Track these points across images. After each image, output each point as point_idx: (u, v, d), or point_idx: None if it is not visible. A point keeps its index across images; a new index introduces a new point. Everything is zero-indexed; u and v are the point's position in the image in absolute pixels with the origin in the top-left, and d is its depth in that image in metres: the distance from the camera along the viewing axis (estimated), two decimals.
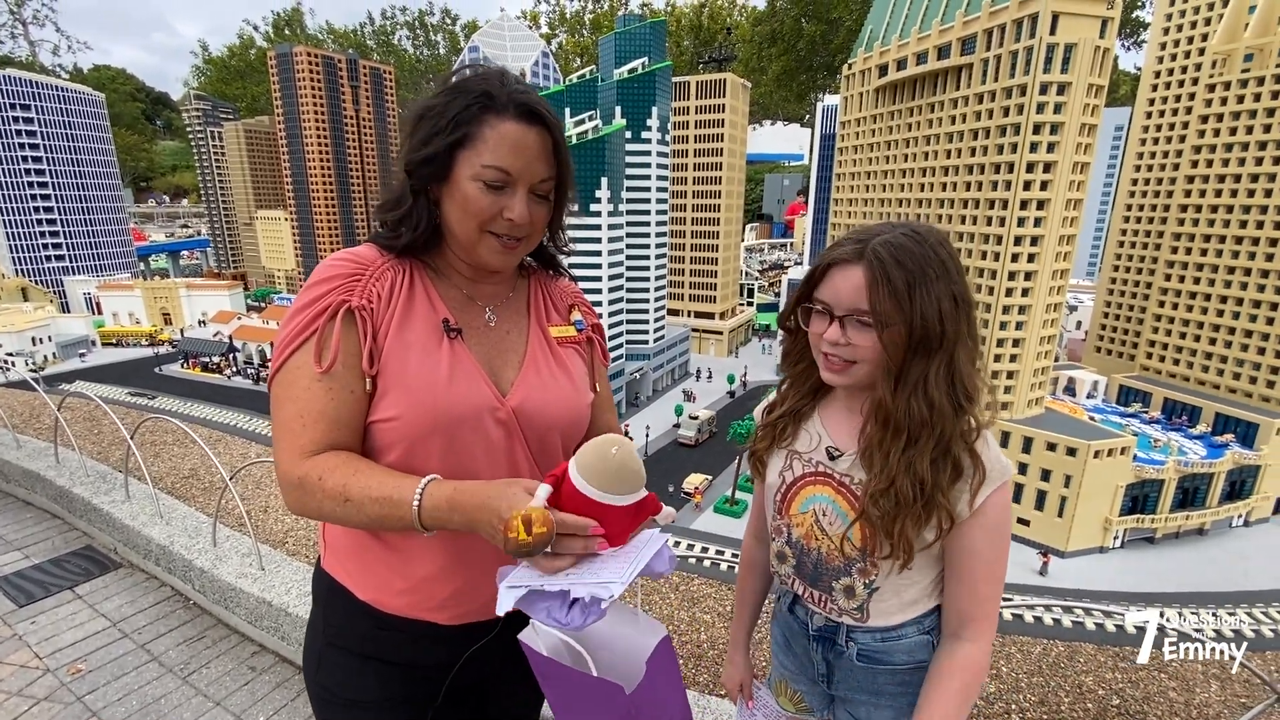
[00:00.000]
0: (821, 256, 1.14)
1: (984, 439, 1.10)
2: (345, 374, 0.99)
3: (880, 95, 51.60)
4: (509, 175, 1.00)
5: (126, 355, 69.63)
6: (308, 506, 0.97)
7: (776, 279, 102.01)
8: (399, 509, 0.91)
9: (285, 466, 0.98)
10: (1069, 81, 36.60)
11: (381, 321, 1.03)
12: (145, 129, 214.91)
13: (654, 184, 63.67)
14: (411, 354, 1.03)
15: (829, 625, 1.26)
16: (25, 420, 5.21)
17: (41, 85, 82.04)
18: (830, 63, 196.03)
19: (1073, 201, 38.74)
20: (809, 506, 1.22)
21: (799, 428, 1.26)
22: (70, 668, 2.73)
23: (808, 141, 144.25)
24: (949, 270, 1.05)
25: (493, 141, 0.99)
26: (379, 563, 1.09)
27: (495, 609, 1.01)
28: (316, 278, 1.03)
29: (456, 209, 1.03)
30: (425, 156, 1.01)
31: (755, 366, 71.51)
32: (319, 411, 0.97)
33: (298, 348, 0.98)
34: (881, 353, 1.06)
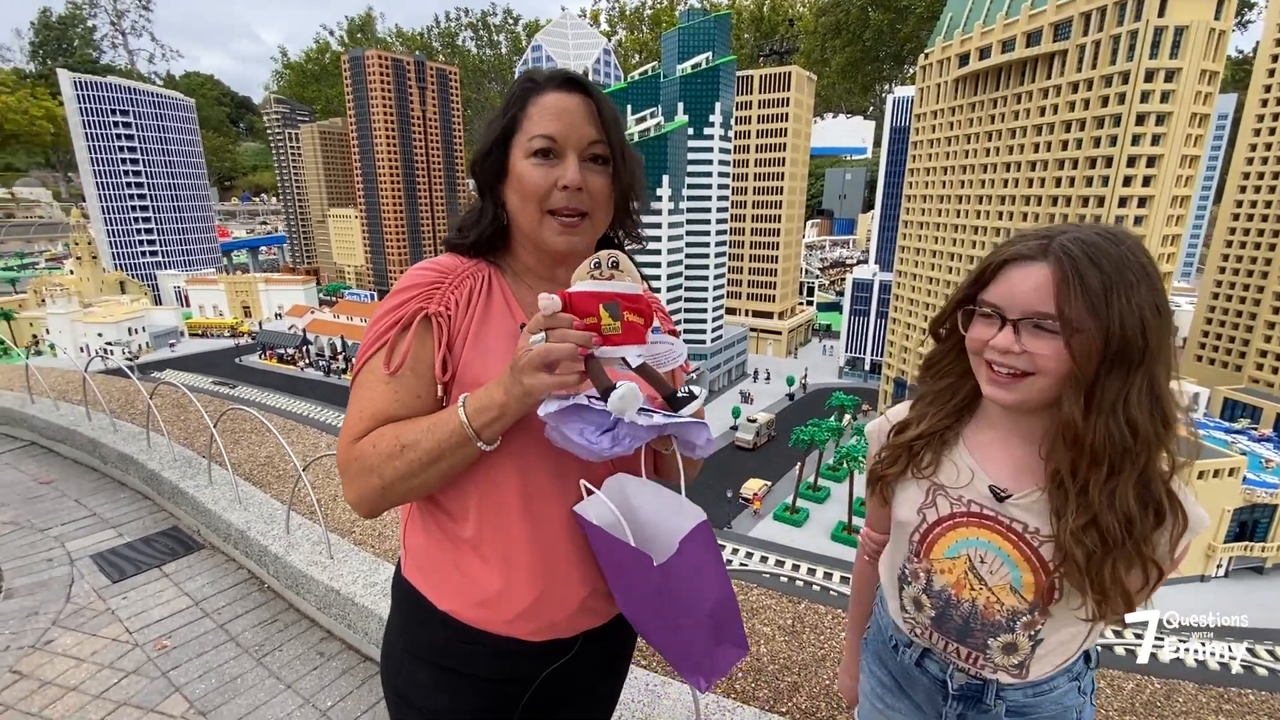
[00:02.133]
0: (993, 253, 1.00)
1: (1177, 482, 0.95)
2: (412, 379, 1.01)
3: (960, 86, 48.95)
4: (554, 141, 1.01)
5: (210, 346, 73.95)
6: (369, 485, 0.98)
7: (838, 277, 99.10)
8: (449, 423, 0.94)
9: (341, 454, 1.02)
10: (1179, 67, 33.47)
11: (459, 329, 1.03)
12: (229, 131, 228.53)
13: (715, 180, 62.64)
14: (490, 359, 1.02)
15: (973, 684, 1.11)
16: (122, 406, 5.43)
17: (138, 91, 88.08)
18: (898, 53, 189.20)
19: (1179, 199, 35.50)
20: (960, 551, 1.05)
21: (941, 455, 1.09)
22: (156, 643, 2.84)
23: (871, 134, 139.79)
24: (1150, 276, 0.90)
25: (535, 115, 1.02)
26: (456, 571, 1.08)
27: (573, 626, 1.11)
28: (400, 285, 1.06)
29: (516, 196, 1.05)
30: (482, 153, 1.06)
31: (816, 369, 69.58)
32: (379, 410, 1.00)
33: (375, 352, 1.02)
34: (1067, 364, 0.90)
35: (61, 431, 4.98)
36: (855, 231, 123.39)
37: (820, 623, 2.84)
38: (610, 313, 0.90)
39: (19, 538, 3.74)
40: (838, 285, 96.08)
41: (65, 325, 64.42)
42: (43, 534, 3.79)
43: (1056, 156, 39.87)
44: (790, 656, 2.59)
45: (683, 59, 63.34)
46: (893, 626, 1.22)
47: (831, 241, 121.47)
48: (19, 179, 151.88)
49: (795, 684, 2.44)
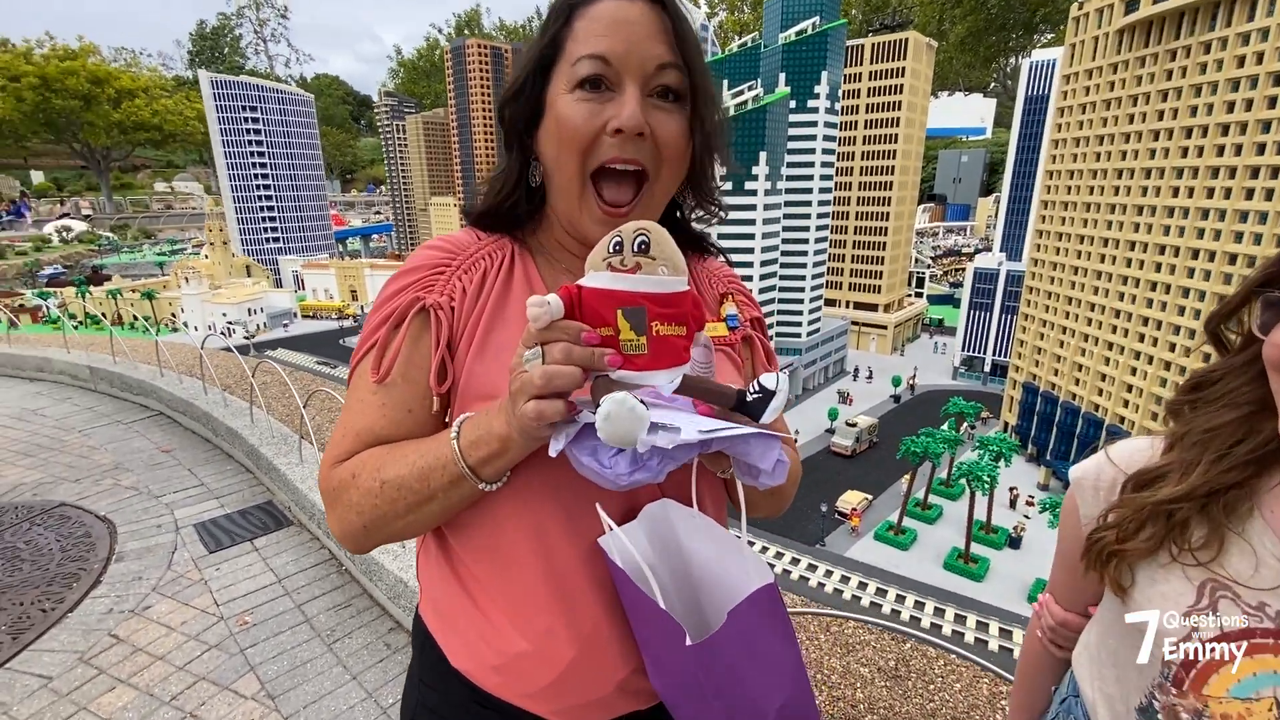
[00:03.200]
0: None
1: None
2: (404, 388, 0.82)
3: (1126, 37, 41.25)
4: (608, 63, 0.75)
5: (320, 327, 78.22)
6: (348, 520, 0.80)
7: (952, 267, 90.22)
8: (440, 458, 0.74)
9: (320, 479, 0.85)
10: None
11: (464, 325, 0.83)
12: (351, 128, 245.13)
13: (819, 158, 57.53)
14: (505, 360, 0.77)
15: None
16: (235, 381, 5.74)
17: (264, 89, 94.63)
18: (1029, 20, 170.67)
19: None
20: (1258, 692, 0.68)
21: (1224, 531, 0.70)
22: (239, 619, 2.93)
23: (991, 113, 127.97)
24: None
25: (583, 30, 0.76)
26: (470, 627, 0.86)
27: (610, 709, 0.87)
28: (402, 269, 0.87)
29: (552, 143, 0.79)
30: (512, 89, 0.82)
31: (926, 368, 63.03)
32: (365, 428, 0.82)
33: (364, 355, 0.84)
34: None
35: (182, 404, 5.35)
36: (972, 217, 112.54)
37: (930, 669, 2.55)
38: (632, 323, 0.63)
39: (137, 502, 4.01)
40: (951, 276, 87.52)
41: (196, 305, 70.01)
42: (157, 500, 4.05)
43: (1258, 118, 32.14)
44: (892, 706, 2.36)
45: (786, 26, 58.37)
46: None
47: (945, 228, 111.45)
48: (178, 174, 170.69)
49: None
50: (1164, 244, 39.55)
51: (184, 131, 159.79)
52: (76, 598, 3.01)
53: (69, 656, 2.63)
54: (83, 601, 2.99)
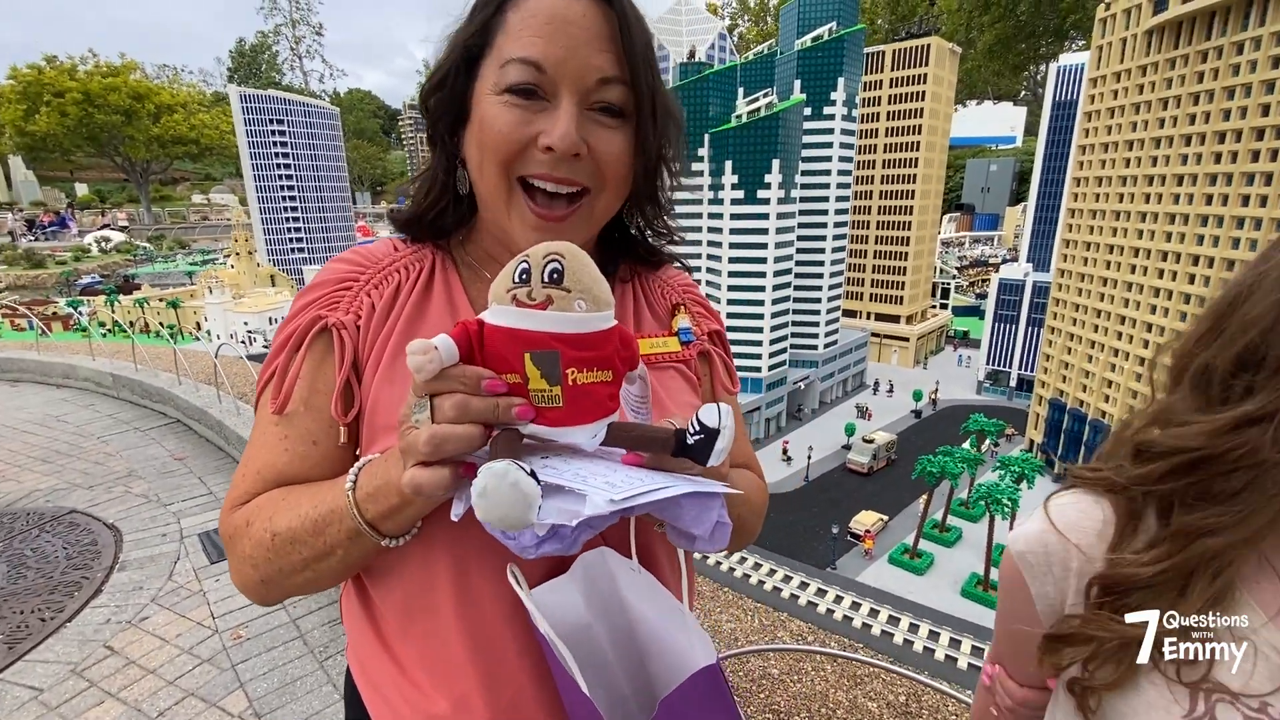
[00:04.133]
0: None
1: None
2: (306, 418, 0.73)
3: (1155, 38, 39.67)
4: (542, 70, 0.66)
5: None
6: (245, 575, 0.72)
7: (979, 278, 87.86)
8: (335, 510, 0.64)
9: (220, 525, 0.77)
10: None
11: (370, 345, 0.74)
12: (382, 141, 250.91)
13: (835, 166, 56.39)
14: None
15: None
16: (251, 390, 5.66)
17: (290, 101, 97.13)
18: (1059, 26, 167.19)
19: None
20: None
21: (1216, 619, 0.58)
22: (233, 633, 2.91)
23: (1021, 122, 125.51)
24: None
25: (516, 25, 0.67)
26: (390, 685, 0.77)
27: None
28: (307, 285, 0.80)
29: (475, 148, 0.71)
30: (434, 80, 0.73)
31: (950, 382, 61.13)
32: (266, 463, 0.74)
33: (266, 383, 0.76)
34: None
35: (197, 411, 5.37)
36: (1000, 227, 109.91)
37: (944, 706, 2.47)
38: (543, 369, 0.52)
39: (145, 510, 4.02)
40: (978, 287, 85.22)
41: (219, 314, 71.55)
42: (165, 508, 4.06)
43: None
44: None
45: (802, 32, 57.63)
46: None
47: (972, 238, 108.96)
48: (215, 187, 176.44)
49: None
50: (1197, 254, 37.58)
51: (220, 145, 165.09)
52: (76, 607, 3.02)
53: (62, 668, 2.66)
54: (82, 611, 3.01)
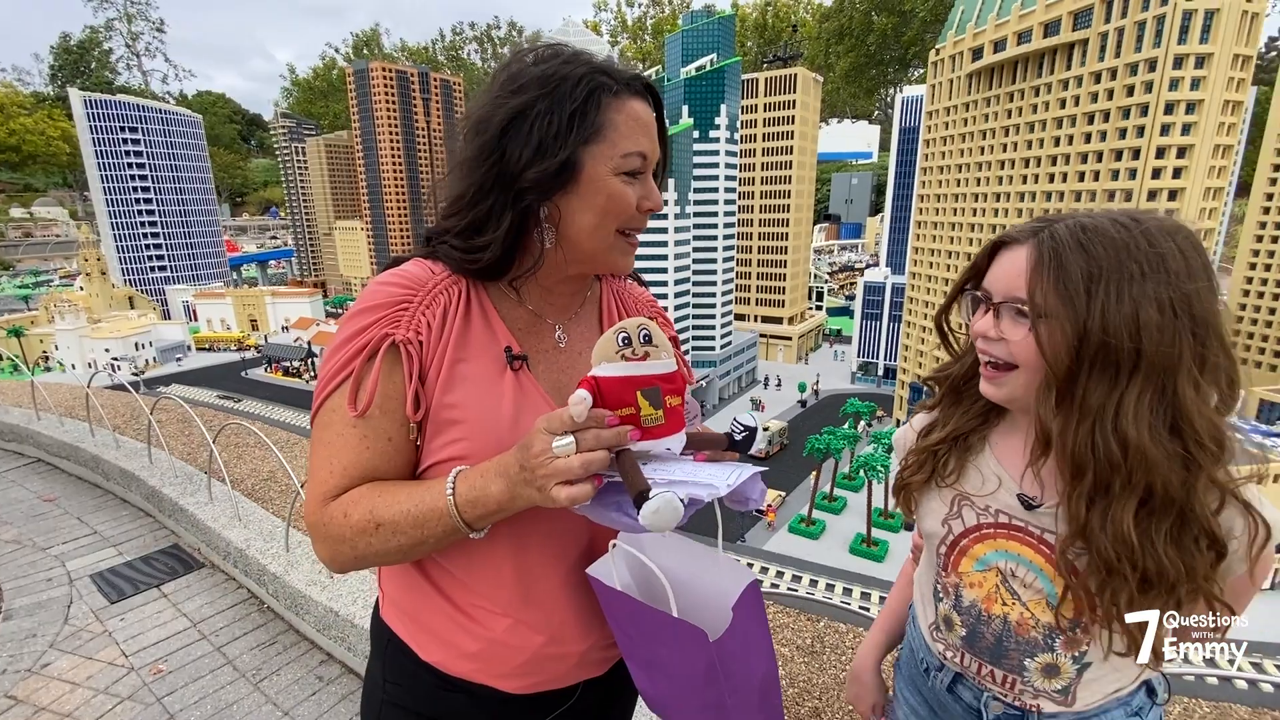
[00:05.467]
0: (995, 237, 0.95)
1: (1251, 489, 0.84)
2: (382, 420, 0.88)
3: (974, 81, 47.76)
4: (645, 159, 0.91)
5: (217, 360, 73.64)
6: (341, 553, 0.88)
7: (847, 281, 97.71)
8: (435, 507, 0.82)
9: (310, 515, 0.90)
10: (1209, 52, 31.98)
11: (431, 358, 0.89)
12: (240, 149, 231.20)
13: (722, 184, 61.54)
14: (471, 389, 0.89)
15: (1013, 713, 0.99)
16: (126, 421, 5.38)
17: (147, 109, 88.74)
18: (903, 56, 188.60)
19: (1211, 190, 33.89)
20: (989, 564, 0.97)
21: (965, 461, 1.00)
22: (152, 668, 2.78)
23: (876, 138, 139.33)
24: (1166, 269, 0.78)
25: (624, 126, 0.88)
26: (444, 621, 0.96)
27: (571, 678, 1.00)
28: (361, 305, 0.91)
29: (594, 214, 0.89)
30: (555, 166, 0.86)
31: (828, 374, 68.08)
32: (351, 461, 0.88)
33: (336, 387, 0.88)
34: (1038, 354, 0.82)
35: (65, 448, 4.94)
36: (863, 235, 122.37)
37: (841, 643, 2.72)
38: (651, 401, 0.76)
39: (21, 556, 3.71)
40: (847, 289, 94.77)
41: (73, 341, 64.29)
42: (44, 553, 3.76)
43: (1079, 150, 38.49)
44: (810, 679, 2.51)
45: (686, 62, 62.49)
46: (924, 648, 1.11)
47: (839, 246, 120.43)
48: (38, 199, 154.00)
49: (816, 709, 2.36)
50: None
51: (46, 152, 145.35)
52: None
53: None
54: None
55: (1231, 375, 0.82)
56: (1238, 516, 0.81)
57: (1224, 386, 0.81)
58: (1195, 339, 0.78)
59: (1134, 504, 0.80)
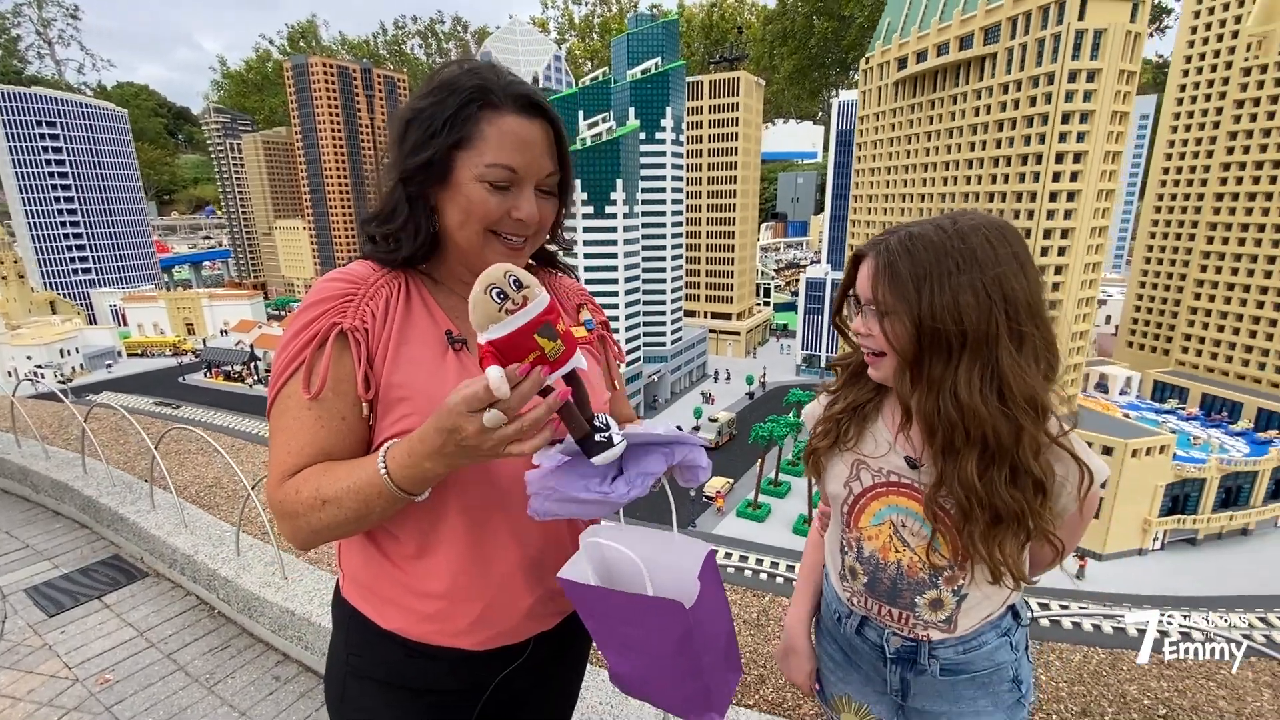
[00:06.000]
0: (855, 250, 1.12)
1: (1074, 438, 1.01)
2: (336, 401, 0.96)
3: (900, 88, 50.78)
4: (515, 173, 0.96)
5: (151, 365, 70.62)
6: (298, 528, 0.94)
7: (793, 278, 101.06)
8: (372, 482, 0.88)
9: (270, 495, 0.97)
10: (1099, 68, 35.51)
11: (378, 343, 0.98)
12: (167, 143, 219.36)
13: (669, 184, 63.20)
14: (416, 370, 0.98)
15: (908, 645, 1.16)
16: (54, 431, 5.27)
17: (67, 102, 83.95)
18: (843, 59, 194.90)
19: (1104, 192, 37.57)
20: (883, 518, 1.13)
21: (863, 429, 1.16)
22: (99, 678, 2.74)
23: (820, 139, 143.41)
24: (976, 260, 0.95)
25: (494, 139, 0.95)
26: (400, 590, 1.04)
27: (523, 632, 1.08)
28: (308, 300, 0.99)
29: (459, 212, 0.98)
30: (422, 161, 0.96)
31: (774, 367, 70.72)
32: (307, 439, 0.95)
33: (289, 377, 0.95)
34: (887, 343, 1.03)
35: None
36: (808, 233, 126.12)
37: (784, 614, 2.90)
38: (547, 336, 0.80)
39: None
40: (793, 286, 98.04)
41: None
42: None
43: (991, 155, 41.70)
44: (756, 650, 2.65)
45: (632, 64, 63.82)
46: (835, 599, 1.28)
47: (785, 243, 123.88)
48: None
49: (761, 676, 2.48)
50: None
51: None
52: None
53: None
54: None
55: (1048, 341, 0.99)
56: (1071, 464, 0.98)
57: (1043, 354, 0.98)
58: (1008, 316, 0.95)
59: (975, 456, 0.96)
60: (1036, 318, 0.98)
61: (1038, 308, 0.98)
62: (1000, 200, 40.80)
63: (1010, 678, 1.17)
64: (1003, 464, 0.97)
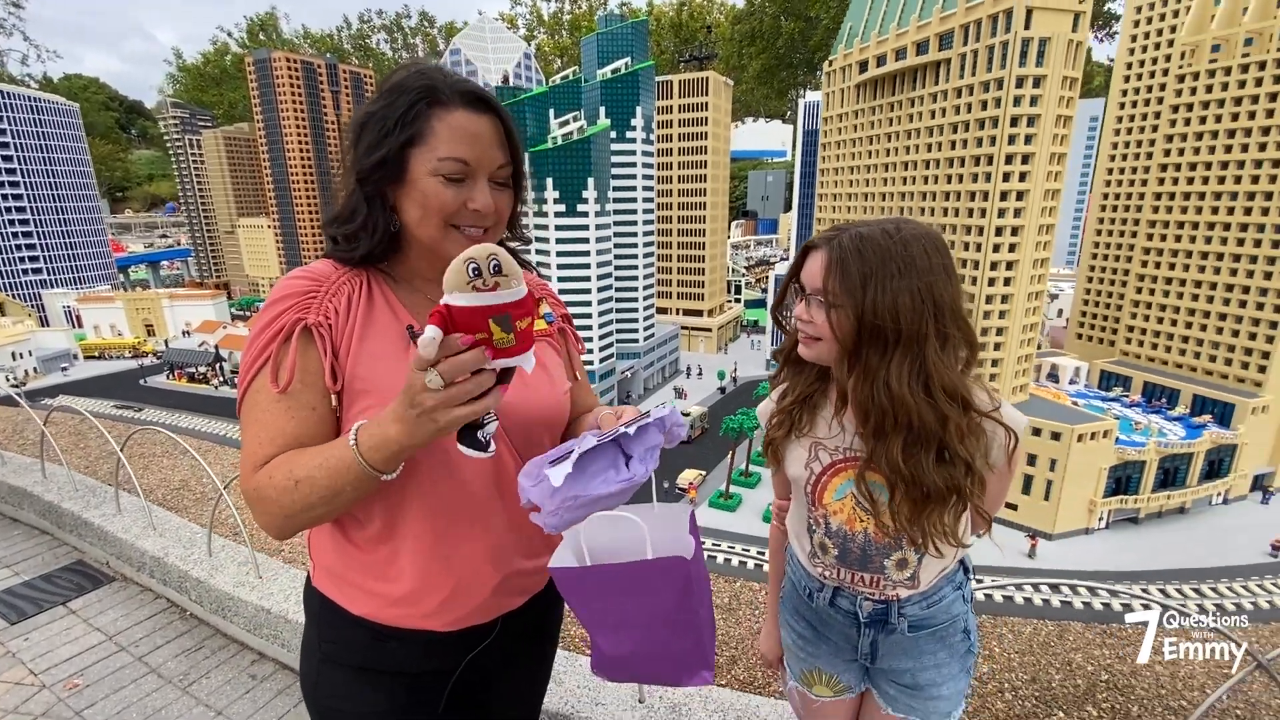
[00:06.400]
0: (805, 242, 1.24)
1: (1001, 411, 1.16)
2: (305, 392, 1.00)
3: (862, 91, 52.30)
4: (467, 165, 1.01)
5: (110, 368, 68.57)
6: (271, 513, 0.97)
7: (763, 275, 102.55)
8: (343, 458, 0.91)
9: (244, 484, 0.99)
10: (1044, 74, 37.44)
11: (341, 336, 1.02)
12: (120, 139, 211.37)
13: (640, 183, 63.90)
14: (378, 364, 1.02)
15: (879, 607, 1.29)
16: (8, 436, 5.17)
17: (13, 96, 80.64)
18: (809, 60, 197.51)
19: (1050, 191, 39.58)
20: (845, 492, 1.24)
21: (815, 415, 1.28)
22: (67, 683, 2.67)
23: (789, 137, 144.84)
24: (915, 268, 1.08)
25: (445, 134, 1.00)
26: (368, 576, 1.09)
27: (490, 611, 1.14)
28: (272, 298, 1.03)
29: (416, 208, 1.02)
30: (377, 160, 1.01)
31: (745, 362, 71.91)
32: (277, 430, 0.98)
33: (257, 372, 0.99)
34: (831, 332, 1.14)
35: None
36: (778, 231, 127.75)
37: (755, 599, 3.00)
38: (502, 326, 0.82)
39: None
40: (762, 283, 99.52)
41: None
42: None
43: (946, 155, 43.44)
44: (728, 632, 2.75)
45: (602, 64, 64.31)
46: (805, 577, 1.39)
47: (756, 241, 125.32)
48: None
49: (734, 657, 2.57)
50: None
51: None
52: None
53: None
54: None
55: (969, 341, 1.13)
56: (999, 429, 1.13)
57: (964, 351, 1.13)
58: (936, 319, 1.08)
59: (901, 440, 1.08)
60: (958, 320, 1.12)
61: (959, 312, 1.12)
62: (955, 199, 42.57)
63: (962, 629, 1.32)
64: (929, 447, 1.09)
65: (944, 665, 1.31)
